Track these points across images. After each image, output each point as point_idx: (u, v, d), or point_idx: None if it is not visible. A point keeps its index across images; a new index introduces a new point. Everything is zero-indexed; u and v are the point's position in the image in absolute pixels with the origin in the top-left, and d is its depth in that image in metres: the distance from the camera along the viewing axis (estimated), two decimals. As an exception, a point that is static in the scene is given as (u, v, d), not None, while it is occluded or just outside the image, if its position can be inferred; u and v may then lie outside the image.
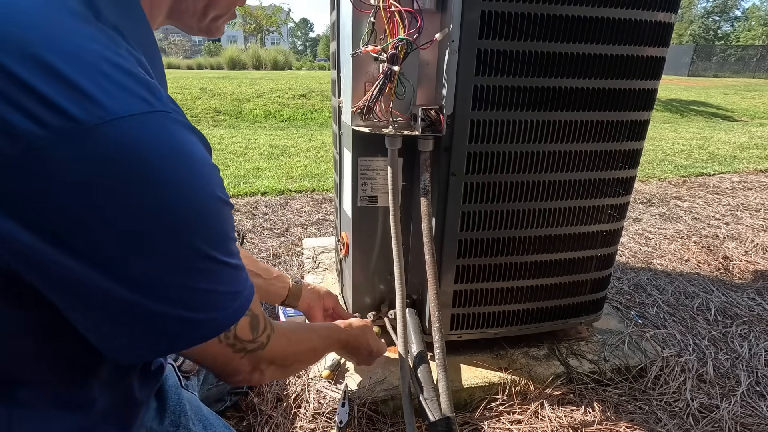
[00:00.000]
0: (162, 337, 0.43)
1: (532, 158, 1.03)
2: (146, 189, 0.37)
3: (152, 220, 0.38)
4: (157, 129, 0.38)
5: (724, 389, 1.24)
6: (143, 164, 0.37)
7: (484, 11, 0.88)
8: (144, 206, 0.37)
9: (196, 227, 0.41)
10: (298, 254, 2.00)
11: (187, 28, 0.56)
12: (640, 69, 1.02)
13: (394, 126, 0.97)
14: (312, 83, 7.96)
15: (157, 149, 0.38)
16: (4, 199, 0.34)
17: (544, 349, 1.28)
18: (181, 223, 0.40)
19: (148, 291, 0.40)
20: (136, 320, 0.41)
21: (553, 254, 1.15)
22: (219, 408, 1.06)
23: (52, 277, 0.38)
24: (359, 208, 1.12)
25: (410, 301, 1.22)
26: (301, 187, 3.03)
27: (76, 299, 0.40)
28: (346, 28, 0.99)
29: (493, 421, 1.09)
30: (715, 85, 12.99)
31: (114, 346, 0.43)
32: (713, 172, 3.73)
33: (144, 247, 0.39)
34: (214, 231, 0.44)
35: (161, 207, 0.38)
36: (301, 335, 0.72)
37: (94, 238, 0.37)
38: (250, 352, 0.55)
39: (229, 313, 0.47)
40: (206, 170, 0.42)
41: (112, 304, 0.39)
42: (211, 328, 0.46)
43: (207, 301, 0.45)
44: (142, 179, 0.37)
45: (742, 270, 1.97)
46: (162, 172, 0.38)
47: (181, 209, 0.40)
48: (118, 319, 0.41)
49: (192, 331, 0.44)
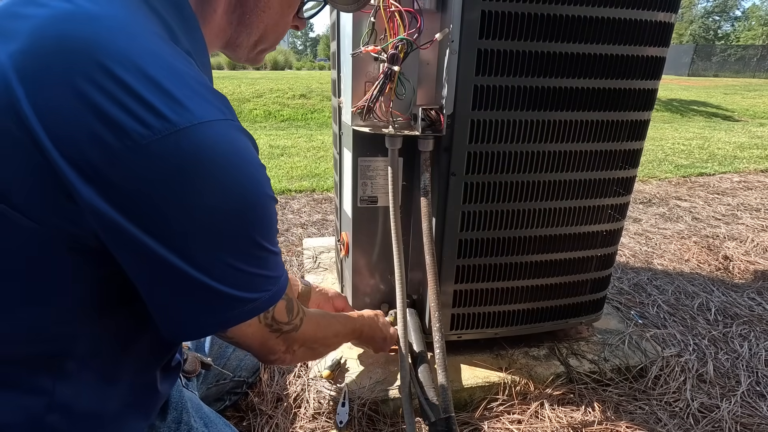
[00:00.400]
0: (215, 313, 0.49)
1: (532, 158, 1.03)
2: (219, 182, 0.44)
3: (221, 211, 0.45)
4: (229, 134, 0.46)
5: (725, 389, 1.24)
6: (218, 162, 0.44)
7: (484, 11, 0.88)
8: (215, 198, 0.44)
9: (253, 219, 0.49)
10: (298, 254, 2.00)
11: (235, 57, 0.63)
12: (641, 69, 1.02)
13: (395, 126, 0.97)
14: (312, 83, 7.96)
15: (228, 151, 0.45)
16: (106, 186, 0.41)
17: (545, 349, 1.28)
18: (242, 215, 0.47)
19: (211, 271, 0.46)
20: (196, 296, 0.47)
21: (553, 254, 1.15)
22: (218, 407, 1.06)
23: (133, 253, 0.44)
24: (359, 208, 1.13)
25: (410, 301, 1.22)
26: (302, 187, 3.03)
27: (151, 275, 0.46)
28: (346, 28, 0.99)
29: (493, 421, 1.09)
30: (715, 85, 12.99)
31: (173, 320, 0.49)
32: (713, 172, 3.72)
33: (212, 233, 0.45)
34: (265, 223, 0.51)
35: (228, 200, 0.45)
36: (328, 321, 0.82)
37: (173, 223, 0.43)
38: (285, 333, 0.63)
39: (270, 294, 0.54)
40: (261, 171, 0.49)
41: (179, 281, 0.46)
42: (256, 307, 0.52)
43: (255, 283, 0.51)
44: (216, 175, 0.44)
45: (742, 270, 1.97)
46: (232, 170, 0.45)
47: (243, 203, 0.47)
48: (182, 294, 0.47)
49: (240, 309, 0.51)
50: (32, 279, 0.46)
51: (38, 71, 0.40)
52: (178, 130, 0.41)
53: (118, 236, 0.43)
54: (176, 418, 0.69)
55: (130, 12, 0.45)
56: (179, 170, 0.42)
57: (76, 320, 0.49)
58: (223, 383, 1.06)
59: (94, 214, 0.41)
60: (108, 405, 0.55)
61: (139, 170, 0.40)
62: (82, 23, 0.41)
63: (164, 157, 0.41)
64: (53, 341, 0.49)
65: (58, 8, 0.42)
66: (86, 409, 0.53)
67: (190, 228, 0.44)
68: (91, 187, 0.40)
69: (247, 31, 0.59)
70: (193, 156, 0.42)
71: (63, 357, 0.50)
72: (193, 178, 0.42)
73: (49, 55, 0.40)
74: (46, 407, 0.49)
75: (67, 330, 0.49)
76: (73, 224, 0.43)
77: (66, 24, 0.41)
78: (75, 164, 0.40)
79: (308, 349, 0.72)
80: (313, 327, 0.71)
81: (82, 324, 0.50)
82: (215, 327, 0.51)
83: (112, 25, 0.42)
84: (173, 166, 0.41)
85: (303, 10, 0.65)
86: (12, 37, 0.41)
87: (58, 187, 0.41)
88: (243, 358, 1.12)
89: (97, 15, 0.42)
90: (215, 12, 0.56)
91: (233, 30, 0.59)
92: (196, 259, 0.45)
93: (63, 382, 0.50)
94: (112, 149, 0.39)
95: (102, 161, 0.40)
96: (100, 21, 0.42)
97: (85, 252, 0.46)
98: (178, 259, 0.44)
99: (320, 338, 0.75)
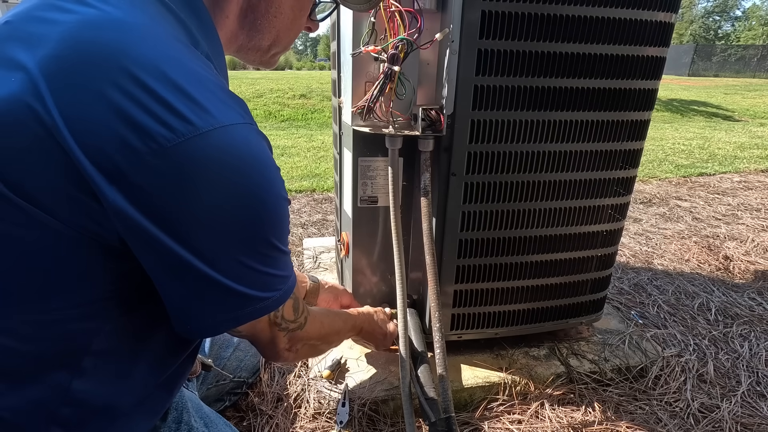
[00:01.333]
0: (229, 311, 0.51)
1: (532, 158, 1.03)
2: (238, 185, 0.46)
3: (239, 212, 0.47)
4: (249, 137, 0.47)
5: (725, 389, 1.24)
6: (238, 165, 0.45)
7: (484, 11, 0.88)
8: (234, 200, 0.46)
9: (268, 220, 0.50)
10: (298, 254, 2.00)
11: (248, 61, 0.64)
12: (641, 69, 1.02)
13: (395, 126, 0.97)
14: (312, 83, 7.96)
15: (248, 154, 0.46)
16: (130, 187, 0.42)
17: (545, 349, 1.28)
18: (259, 217, 0.49)
19: (227, 271, 0.48)
20: (212, 294, 0.48)
21: (553, 254, 1.15)
22: (218, 408, 1.06)
23: (154, 253, 0.45)
24: (360, 208, 1.12)
25: (410, 300, 1.22)
26: (302, 187, 3.03)
27: (170, 274, 0.47)
28: (347, 28, 0.99)
29: (494, 421, 1.09)
30: (715, 84, 12.99)
31: (189, 317, 0.50)
32: (714, 172, 3.72)
33: (229, 234, 0.47)
34: (279, 224, 0.52)
35: (247, 202, 0.47)
36: (330, 319, 0.85)
37: (192, 224, 0.45)
38: (291, 331, 0.65)
39: (281, 293, 0.55)
40: (277, 174, 0.51)
41: (197, 280, 0.47)
42: (267, 305, 0.54)
43: (268, 282, 0.53)
44: (236, 177, 0.45)
45: (742, 270, 1.97)
46: (251, 173, 0.47)
47: (260, 205, 0.48)
48: (199, 292, 0.48)
49: (253, 307, 0.52)
50: (58, 277, 0.47)
51: (67, 77, 0.41)
52: (201, 134, 0.42)
53: (139, 236, 0.44)
54: (176, 418, 0.69)
55: (152, 17, 0.46)
56: (201, 172, 0.43)
57: (98, 316, 0.50)
58: (222, 384, 1.06)
59: (117, 215, 0.43)
60: (121, 402, 0.56)
61: (163, 172, 0.42)
62: (109, 30, 0.43)
63: (187, 160, 0.42)
64: (74, 338, 0.50)
65: (85, 14, 0.43)
66: (100, 404, 0.53)
67: (208, 229, 0.45)
68: (116, 188, 0.42)
69: (259, 36, 0.60)
70: (216, 158, 0.43)
71: (82, 353, 0.51)
72: (215, 180, 0.44)
73: (78, 61, 0.41)
74: (60, 401, 0.50)
75: (89, 326, 0.50)
76: (98, 225, 0.44)
77: (94, 31, 0.42)
78: (100, 166, 0.41)
79: (311, 347, 0.75)
80: (317, 326, 0.74)
81: (103, 320, 0.51)
82: (229, 324, 0.53)
83: (137, 32, 0.44)
84: (196, 169, 0.43)
85: (315, 12, 0.66)
86: (39, 42, 0.42)
87: (85, 189, 0.42)
88: (243, 358, 1.12)
89: (123, 21, 0.44)
90: (227, 18, 0.57)
91: (245, 35, 0.59)
92: (213, 259, 0.47)
93: (80, 378, 0.51)
94: (138, 152, 0.41)
95: (127, 164, 0.41)
96: (126, 27, 0.43)
97: (109, 250, 0.47)
98: (196, 259, 0.46)
99: (323, 336, 0.78)
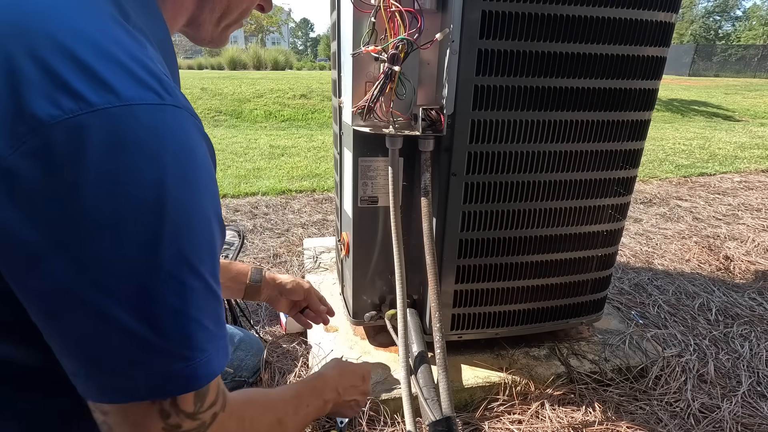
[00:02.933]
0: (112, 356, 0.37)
1: (532, 158, 1.03)
2: (132, 175, 0.36)
3: (129, 212, 0.36)
4: (164, 121, 0.38)
5: (725, 389, 1.24)
6: (142, 150, 0.36)
7: (484, 11, 0.88)
8: (125, 195, 0.36)
9: (175, 228, 0.38)
10: (298, 254, 2.00)
11: (199, 38, 0.58)
12: (641, 69, 1.02)
13: (395, 126, 0.97)
14: (312, 83, 7.96)
15: (156, 138, 0.37)
16: (6, 176, 0.34)
17: (545, 349, 1.28)
18: (158, 220, 0.37)
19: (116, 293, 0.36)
20: (85, 325, 0.36)
21: (553, 254, 1.15)
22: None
23: (31, 280, 0.36)
24: (360, 208, 1.12)
25: (411, 300, 1.22)
26: (302, 187, 3.03)
27: (42, 296, 0.36)
28: (347, 28, 0.99)
29: (494, 421, 1.09)
30: (716, 84, 12.97)
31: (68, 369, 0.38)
32: (714, 172, 3.72)
33: (122, 243, 0.36)
34: (195, 240, 0.39)
35: (141, 198, 0.36)
36: (262, 411, 0.56)
37: (66, 223, 0.35)
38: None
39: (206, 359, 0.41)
40: (200, 172, 0.40)
41: (78, 307, 0.36)
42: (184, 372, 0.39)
43: (177, 327, 0.38)
44: (131, 164, 0.36)
45: (743, 270, 1.97)
46: (159, 162, 0.37)
47: (160, 205, 0.37)
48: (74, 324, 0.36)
49: (151, 365, 0.38)
50: None
51: None
52: (93, 111, 0.35)
53: (16, 252, 0.35)
54: None
55: None
56: (84, 158, 0.35)
57: None
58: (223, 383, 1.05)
59: None
60: None
61: (38, 153, 0.34)
62: None
63: (69, 140, 0.34)
64: None
65: None
66: None
67: (85, 231, 0.35)
68: None
69: (210, 6, 0.56)
70: (107, 141, 0.35)
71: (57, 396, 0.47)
72: (103, 168, 0.35)
73: None
74: None
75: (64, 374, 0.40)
76: None
77: None
78: None
79: None
80: (232, 427, 0.49)
81: None
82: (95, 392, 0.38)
83: (39, 2, 0.37)
84: (77, 152, 0.35)
85: None
86: None
87: None
88: (244, 358, 1.12)
89: None
90: None
91: (195, 6, 0.55)
92: (94, 277, 0.36)
93: (62, 422, 0.49)
94: (17, 132, 0.34)
95: (4, 146, 0.34)
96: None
97: None
98: (76, 277, 0.35)
99: None
